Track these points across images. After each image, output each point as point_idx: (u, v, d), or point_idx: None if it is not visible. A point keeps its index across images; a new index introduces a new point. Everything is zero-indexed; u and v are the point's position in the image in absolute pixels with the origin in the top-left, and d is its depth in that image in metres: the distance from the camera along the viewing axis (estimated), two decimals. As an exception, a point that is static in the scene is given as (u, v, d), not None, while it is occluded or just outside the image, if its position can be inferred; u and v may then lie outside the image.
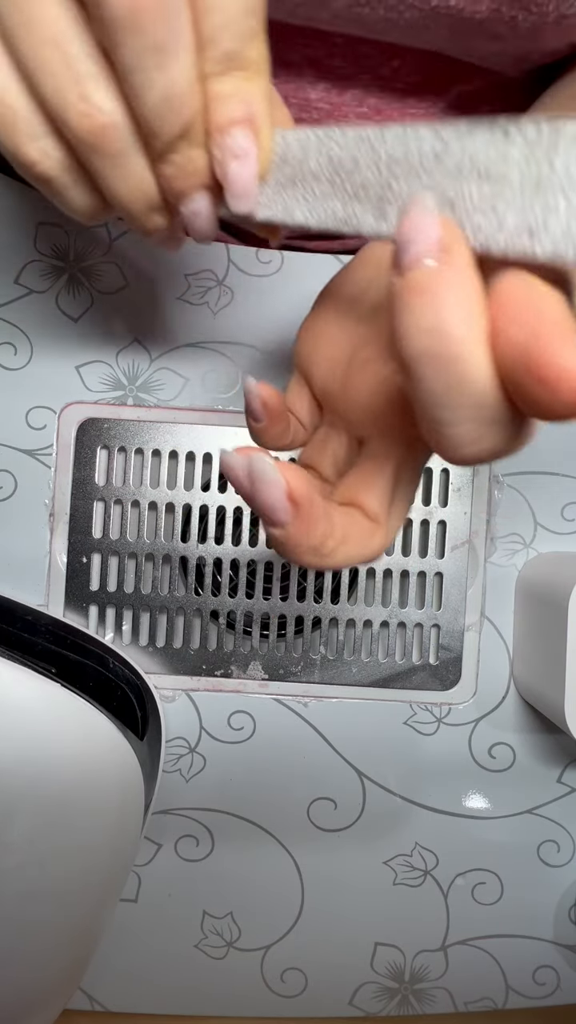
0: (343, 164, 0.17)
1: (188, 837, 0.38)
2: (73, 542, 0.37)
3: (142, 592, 0.37)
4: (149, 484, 0.37)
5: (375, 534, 0.21)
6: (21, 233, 0.37)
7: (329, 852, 0.38)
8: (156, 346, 0.37)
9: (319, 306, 0.24)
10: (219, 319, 0.37)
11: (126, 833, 0.30)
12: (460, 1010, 0.39)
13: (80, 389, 0.37)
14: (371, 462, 0.22)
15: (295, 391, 0.25)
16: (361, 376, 0.22)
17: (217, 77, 0.16)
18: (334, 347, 0.23)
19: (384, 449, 0.21)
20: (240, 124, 0.16)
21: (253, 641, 0.38)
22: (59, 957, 0.28)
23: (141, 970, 0.38)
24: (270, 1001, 0.38)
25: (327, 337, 0.23)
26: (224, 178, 0.17)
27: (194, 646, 0.38)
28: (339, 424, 0.23)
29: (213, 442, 0.37)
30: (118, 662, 0.34)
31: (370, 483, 0.21)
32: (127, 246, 0.37)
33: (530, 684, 0.37)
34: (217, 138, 0.17)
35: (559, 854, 0.39)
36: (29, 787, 0.25)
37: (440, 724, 0.38)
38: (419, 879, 0.38)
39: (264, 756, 0.38)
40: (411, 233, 0.14)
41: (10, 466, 0.37)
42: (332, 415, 0.24)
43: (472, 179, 0.15)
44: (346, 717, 0.38)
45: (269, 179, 0.18)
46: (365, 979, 0.39)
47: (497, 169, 0.15)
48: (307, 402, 0.24)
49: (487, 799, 0.38)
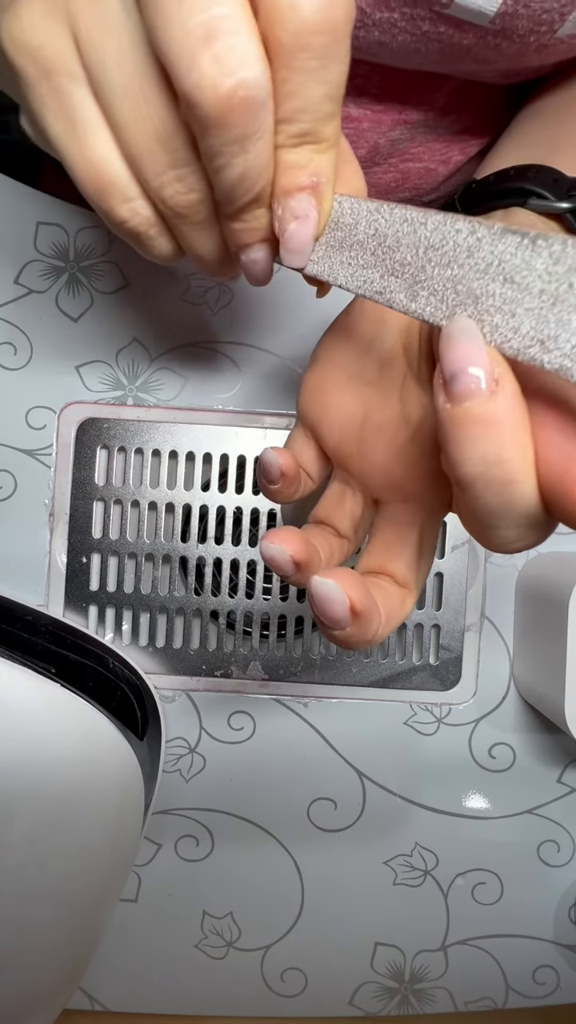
0: (386, 239, 0.18)
1: (188, 837, 0.38)
2: (73, 542, 0.37)
3: (142, 592, 0.37)
4: (149, 484, 0.37)
5: (406, 600, 0.22)
6: (21, 233, 0.37)
7: (329, 852, 0.38)
8: (156, 346, 0.37)
9: (324, 364, 0.25)
10: (219, 319, 0.37)
11: (126, 833, 0.30)
12: (460, 1010, 0.39)
13: (80, 389, 0.37)
14: (394, 529, 0.22)
15: (301, 444, 0.25)
16: (377, 443, 0.23)
17: (290, 148, 0.17)
18: (345, 412, 0.24)
19: (407, 516, 0.22)
20: (305, 191, 0.18)
21: (253, 641, 0.38)
22: (59, 957, 0.28)
23: (141, 970, 0.38)
24: (270, 1001, 0.38)
25: (338, 402, 0.24)
26: (282, 235, 0.19)
27: (194, 646, 0.38)
28: (354, 484, 0.24)
29: (213, 442, 0.37)
30: (118, 662, 0.34)
31: (397, 551, 0.22)
32: (127, 246, 0.37)
33: (530, 684, 0.37)
34: (282, 200, 0.18)
35: (559, 854, 0.39)
36: (29, 787, 0.25)
37: (440, 724, 0.38)
38: (419, 879, 0.38)
39: (264, 756, 0.38)
40: (462, 363, 0.15)
41: (10, 466, 0.37)
42: (346, 474, 0.24)
43: (498, 280, 0.16)
44: (346, 717, 0.38)
45: (321, 239, 0.20)
46: (365, 979, 0.39)
47: (521, 276, 0.16)
48: (313, 455, 0.25)
49: (487, 799, 0.38)
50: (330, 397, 0.24)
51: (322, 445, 0.25)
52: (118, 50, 0.16)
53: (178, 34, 0.15)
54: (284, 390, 0.38)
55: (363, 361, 0.24)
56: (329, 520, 0.24)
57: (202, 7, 0.14)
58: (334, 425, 0.24)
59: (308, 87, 0.16)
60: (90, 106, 0.17)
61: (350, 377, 0.24)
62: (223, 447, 0.37)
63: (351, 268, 0.19)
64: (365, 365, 0.23)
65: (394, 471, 0.22)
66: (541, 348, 0.16)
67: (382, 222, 0.19)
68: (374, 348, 0.23)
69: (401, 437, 0.22)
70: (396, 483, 0.22)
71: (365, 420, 0.23)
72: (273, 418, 0.38)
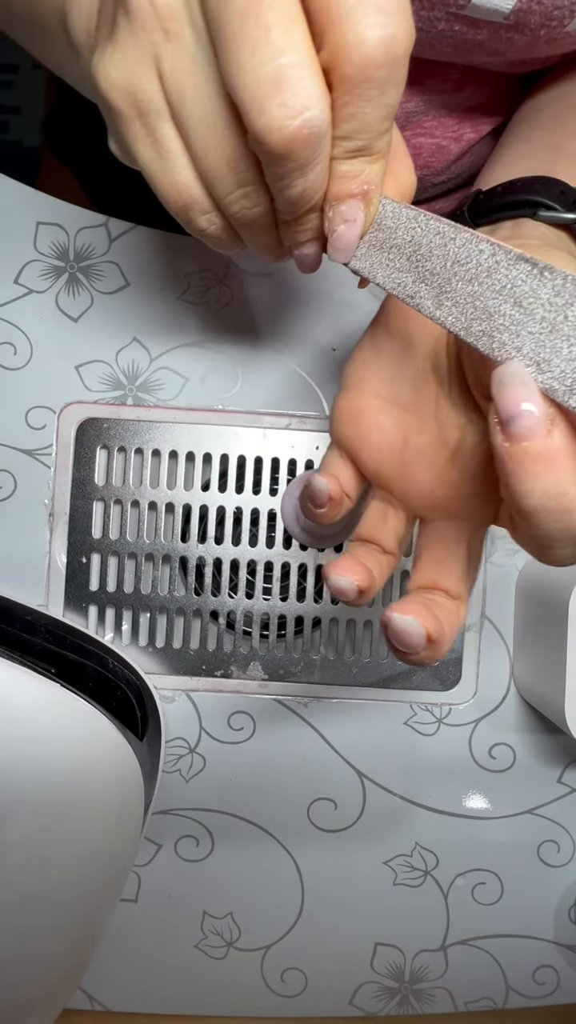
0: (420, 248, 0.20)
1: (188, 837, 0.38)
2: (73, 542, 0.37)
3: (142, 592, 0.37)
4: (149, 484, 0.37)
5: (460, 610, 0.23)
6: (21, 233, 0.37)
7: (329, 852, 0.38)
8: (156, 346, 0.37)
9: (356, 390, 0.25)
10: (219, 319, 0.37)
11: (126, 833, 0.30)
12: (460, 1010, 0.39)
13: (80, 389, 0.37)
14: (442, 546, 0.24)
15: (339, 467, 0.26)
16: (418, 466, 0.24)
17: (344, 160, 0.19)
18: (384, 437, 0.25)
19: (454, 532, 0.23)
20: (356, 197, 0.20)
21: (253, 641, 0.38)
22: (59, 957, 0.28)
23: (141, 970, 0.38)
24: (270, 1001, 0.38)
25: (376, 428, 0.25)
26: (331, 235, 0.21)
27: (194, 646, 0.38)
28: (396, 503, 0.25)
29: (213, 442, 0.37)
30: (118, 662, 0.34)
31: (448, 567, 0.23)
32: (127, 246, 0.37)
33: (530, 684, 0.37)
34: (334, 205, 0.20)
35: (559, 854, 0.39)
36: (29, 787, 0.25)
37: (440, 724, 0.38)
38: (419, 879, 0.38)
39: (264, 756, 0.38)
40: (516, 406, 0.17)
41: (10, 466, 0.37)
42: (388, 494, 0.25)
43: (509, 302, 0.18)
44: (346, 717, 0.38)
45: (365, 237, 0.21)
46: (365, 979, 0.39)
47: (528, 302, 0.18)
48: (351, 476, 0.26)
49: (487, 799, 0.38)
50: (368, 422, 0.25)
51: (360, 468, 0.25)
52: (196, 89, 0.18)
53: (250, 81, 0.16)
54: (284, 390, 0.38)
55: (395, 385, 0.25)
56: (374, 538, 0.25)
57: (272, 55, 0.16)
58: (374, 450, 0.25)
59: (367, 111, 0.18)
60: (174, 138, 0.19)
61: (385, 402, 0.25)
62: (223, 447, 0.37)
63: (388, 269, 0.21)
64: (398, 389, 0.25)
65: (437, 492, 0.24)
66: (537, 369, 0.17)
67: (418, 231, 0.20)
68: (404, 370, 0.24)
69: (441, 459, 0.23)
70: (439, 503, 0.24)
71: (404, 444, 0.24)
72: (273, 418, 0.38)
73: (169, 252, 0.37)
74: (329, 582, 0.23)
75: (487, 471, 0.22)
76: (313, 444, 0.38)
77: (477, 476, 0.23)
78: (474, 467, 0.23)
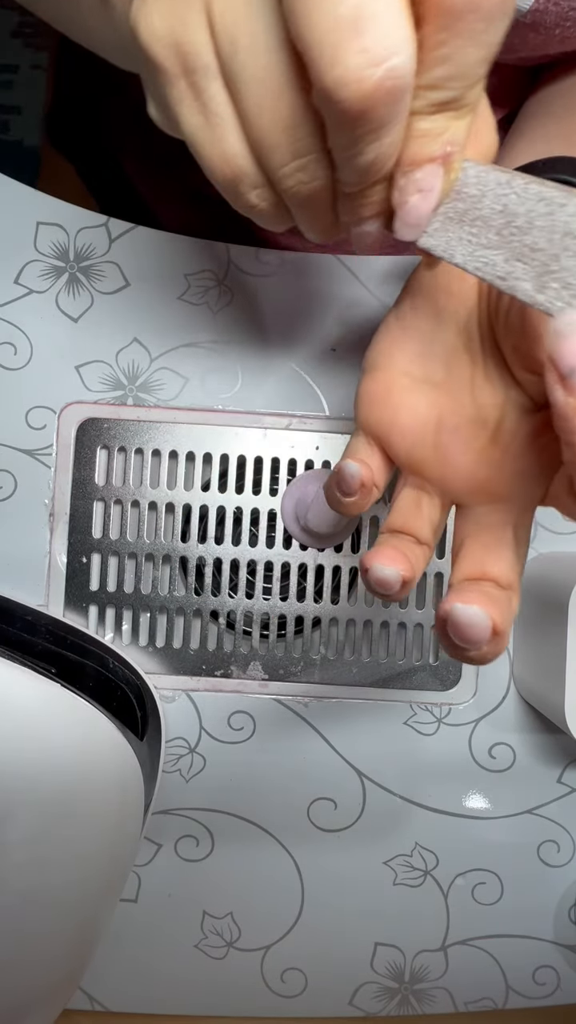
0: (516, 219, 0.17)
1: (188, 837, 0.38)
2: (73, 542, 0.37)
3: (142, 592, 0.37)
4: (149, 484, 0.37)
5: (512, 600, 0.21)
6: (21, 233, 0.37)
7: (329, 852, 0.38)
8: (156, 346, 0.37)
9: (384, 370, 0.23)
10: (219, 319, 0.37)
11: (126, 833, 0.30)
12: (460, 1010, 0.39)
13: (80, 389, 0.37)
14: (488, 532, 0.22)
15: (366, 454, 0.24)
16: (455, 448, 0.22)
17: (426, 116, 0.16)
18: (416, 418, 0.23)
19: (498, 517, 0.22)
20: (436, 161, 0.16)
21: (253, 641, 0.38)
22: (59, 957, 0.28)
23: (141, 970, 0.38)
24: (270, 1001, 0.38)
25: (407, 408, 0.23)
26: (400, 208, 0.17)
27: (194, 646, 0.38)
28: (431, 489, 0.23)
29: (213, 442, 0.37)
30: (118, 662, 0.34)
31: (497, 554, 0.21)
32: (127, 246, 0.37)
33: (530, 684, 0.37)
34: (407, 171, 0.17)
35: (559, 854, 0.39)
36: (29, 787, 0.25)
37: (440, 724, 0.38)
38: (419, 879, 0.38)
39: (264, 756, 0.38)
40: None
41: (10, 466, 0.37)
42: (422, 479, 0.23)
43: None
44: (346, 717, 0.38)
45: (439, 209, 0.18)
46: (365, 979, 0.39)
47: None
48: (379, 463, 0.24)
49: (487, 799, 0.38)
50: (398, 403, 0.23)
51: (390, 453, 0.24)
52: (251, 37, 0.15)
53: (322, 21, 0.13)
54: (284, 390, 0.38)
55: (426, 363, 0.23)
56: (407, 528, 0.23)
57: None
58: (406, 432, 0.23)
59: (466, 51, 0.14)
60: (223, 100, 0.16)
61: (416, 381, 0.23)
62: (223, 447, 0.37)
63: (471, 247, 0.17)
64: (429, 366, 0.23)
65: (478, 474, 0.22)
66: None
67: (512, 198, 0.17)
68: (435, 347, 0.22)
69: (481, 440, 0.22)
70: (482, 486, 0.22)
71: (439, 425, 0.22)
72: (273, 418, 0.38)
73: (169, 252, 0.37)
74: (372, 573, 0.21)
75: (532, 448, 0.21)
76: (313, 444, 0.38)
77: (521, 455, 0.21)
78: (517, 445, 0.21)
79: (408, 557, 0.22)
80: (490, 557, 0.21)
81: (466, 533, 0.22)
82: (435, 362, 0.22)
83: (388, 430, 0.23)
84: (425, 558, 0.23)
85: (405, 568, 0.21)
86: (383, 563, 0.21)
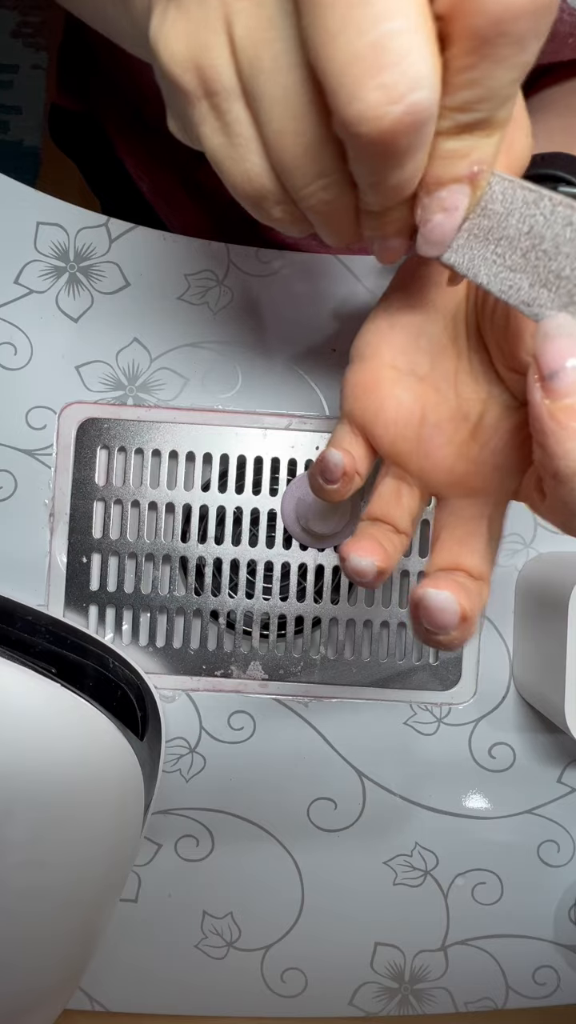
0: (542, 242, 0.16)
1: (188, 837, 0.38)
2: (73, 542, 0.37)
3: (142, 592, 0.37)
4: (149, 484, 0.37)
5: (483, 591, 0.22)
6: (21, 233, 0.37)
7: (329, 852, 0.38)
8: (156, 346, 0.37)
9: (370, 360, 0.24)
10: (219, 319, 0.37)
11: (126, 833, 0.30)
12: (460, 1010, 0.39)
13: (80, 389, 0.37)
14: (462, 524, 0.22)
15: (350, 442, 0.24)
16: (437, 441, 0.22)
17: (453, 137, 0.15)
18: (400, 410, 0.23)
19: (474, 510, 0.22)
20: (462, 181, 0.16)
21: (253, 641, 0.38)
22: (59, 956, 0.28)
23: (141, 970, 0.38)
24: (270, 1001, 0.38)
25: (392, 400, 0.23)
26: (423, 225, 0.17)
27: (194, 646, 0.38)
28: (411, 480, 0.24)
29: (213, 442, 0.37)
30: (118, 662, 0.34)
31: (470, 546, 0.22)
32: (127, 246, 0.37)
33: (530, 684, 0.37)
34: (432, 189, 0.16)
35: (559, 854, 0.39)
36: (29, 787, 0.25)
37: (440, 724, 0.38)
38: (419, 879, 0.38)
39: (264, 756, 0.38)
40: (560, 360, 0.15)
41: (10, 466, 0.37)
42: (402, 471, 0.24)
43: None
44: (346, 717, 0.38)
45: (464, 224, 0.17)
46: (365, 979, 0.39)
47: None
48: (363, 452, 0.24)
49: (487, 799, 0.38)
50: (384, 395, 0.23)
51: (374, 443, 0.24)
52: (273, 60, 0.15)
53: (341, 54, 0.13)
54: (284, 390, 0.38)
55: (412, 355, 0.23)
56: (387, 517, 0.24)
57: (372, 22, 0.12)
58: (389, 423, 0.23)
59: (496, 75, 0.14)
60: (245, 121, 0.16)
61: (401, 373, 0.23)
62: (223, 447, 0.37)
63: (495, 267, 0.17)
64: (415, 359, 0.23)
65: (457, 468, 0.22)
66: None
67: (539, 220, 0.16)
68: (421, 341, 0.23)
69: (462, 434, 0.22)
70: (460, 479, 0.22)
71: (422, 418, 0.23)
72: (273, 418, 0.38)
73: (169, 252, 0.37)
74: (348, 563, 0.22)
75: (510, 445, 0.21)
76: (313, 444, 0.38)
77: (499, 450, 0.22)
78: (496, 441, 0.22)
79: (384, 547, 0.23)
80: (464, 549, 0.22)
81: (443, 525, 0.23)
82: (421, 355, 0.23)
83: (373, 421, 0.24)
84: (403, 546, 0.24)
85: (381, 559, 0.22)
86: (359, 554, 0.22)
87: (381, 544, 0.23)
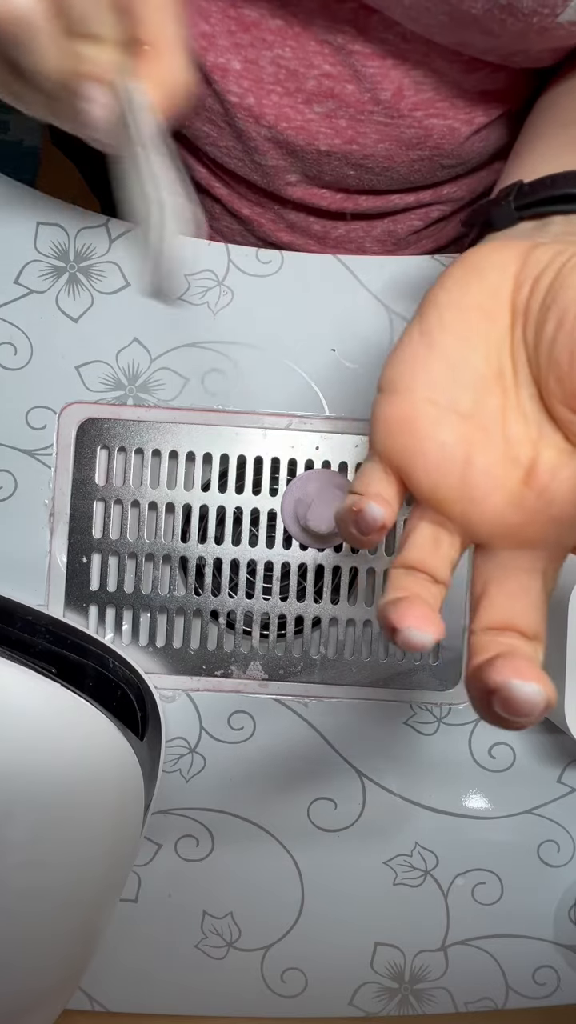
0: None
1: (188, 837, 0.38)
2: (73, 542, 0.37)
3: (142, 592, 0.37)
4: (149, 484, 0.37)
5: (538, 652, 0.20)
6: (21, 233, 0.37)
7: (329, 852, 0.38)
8: (156, 346, 0.37)
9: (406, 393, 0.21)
10: (219, 319, 0.37)
11: (126, 833, 0.30)
12: (460, 1010, 0.39)
13: (80, 389, 0.37)
14: (515, 579, 0.20)
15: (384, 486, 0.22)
16: (485, 488, 0.20)
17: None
18: (443, 452, 0.21)
19: (527, 563, 0.20)
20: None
21: (253, 641, 0.38)
22: (59, 956, 0.28)
23: (141, 970, 0.38)
24: (270, 1001, 0.38)
25: (434, 441, 0.21)
26: None
27: (194, 646, 0.38)
28: (451, 527, 0.21)
29: (213, 442, 0.37)
30: (118, 662, 0.34)
31: (523, 603, 0.20)
32: (127, 246, 0.37)
33: (530, 684, 0.36)
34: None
35: (559, 854, 0.39)
36: (29, 787, 0.25)
37: (440, 724, 0.38)
38: (419, 879, 0.38)
39: (264, 756, 0.38)
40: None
41: (10, 466, 0.37)
42: (442, 517, 0.21)
43: None
44: (346, 717, 0.38)
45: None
46: (365, 979, 0.39)
47: None
48: (394, 495, 0.22)
49: (487, 799, 0.38)
50: (423, 435, 0.21)
51: (410, 486, 0.22)
52: None
53: None
54: (284, 390, 0.38)
55: (452, 390, 0.21)
56: (424, 567, 0.21)
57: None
58: (431, 468, 0.21)
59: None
60: None
61: (442, 410, 0.21)
62: (223, 447, 0.37)
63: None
64: (455, 395, 0.21)
65: (509, 518, 0.20)
66: None
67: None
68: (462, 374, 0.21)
69: (513, 480, 0.20)
70: (512, 530, 0.20)
71: (467, 461, 0.20)
72: (273, 418, 0.38)
73: (169, 252, 0.37)
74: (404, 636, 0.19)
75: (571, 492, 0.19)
76: (313, 444, 0.38)
77: (557, 500, 0.19)
78: (555, 488, 0.19)
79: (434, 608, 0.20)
80: (517, 606, 0.20)
81: (490, 579, 0.21)
82: (461, 390, 0.21)
83: (411, 463, 0.21)
84: (442, 597, 0.22)
85: (437, 630, 0.19)
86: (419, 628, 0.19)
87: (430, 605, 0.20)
